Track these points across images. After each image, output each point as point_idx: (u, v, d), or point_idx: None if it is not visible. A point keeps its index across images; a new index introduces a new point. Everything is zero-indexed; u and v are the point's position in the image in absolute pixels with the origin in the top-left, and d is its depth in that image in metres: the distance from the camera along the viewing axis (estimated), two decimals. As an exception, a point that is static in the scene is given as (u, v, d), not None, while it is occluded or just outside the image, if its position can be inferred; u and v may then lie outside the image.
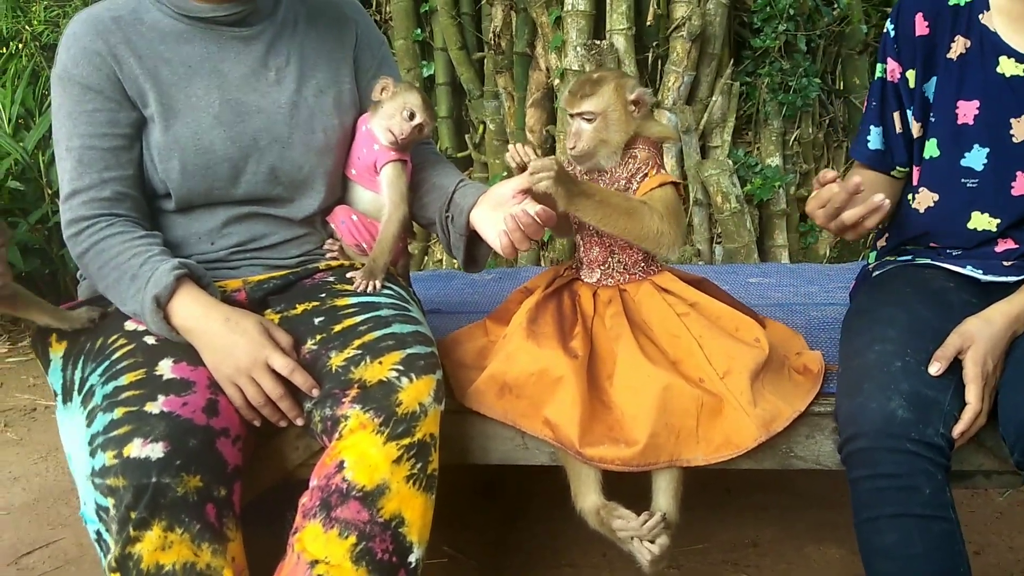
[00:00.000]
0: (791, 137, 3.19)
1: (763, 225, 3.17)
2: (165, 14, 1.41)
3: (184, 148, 1.39)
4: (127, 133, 1.38)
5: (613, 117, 1.42)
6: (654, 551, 1.35)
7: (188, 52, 1.41)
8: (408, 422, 1.25)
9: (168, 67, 1.40)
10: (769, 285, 2.20)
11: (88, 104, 1.37)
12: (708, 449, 1.34)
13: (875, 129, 1.53)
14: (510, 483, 2.06)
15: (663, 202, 1.42)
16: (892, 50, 1.48)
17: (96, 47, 1.37)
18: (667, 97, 3.05)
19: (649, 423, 1.32)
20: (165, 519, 1.16)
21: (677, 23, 3.01)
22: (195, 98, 1.40)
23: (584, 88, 1.43)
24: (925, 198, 1.48)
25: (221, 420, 1.25)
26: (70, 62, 1.37)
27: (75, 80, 1.37)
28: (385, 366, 1.29)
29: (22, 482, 2.26)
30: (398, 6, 3.41)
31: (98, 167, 1.36)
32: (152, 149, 1.40)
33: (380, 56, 1.58)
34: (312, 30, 1.50)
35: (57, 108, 1.39)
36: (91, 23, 1.39)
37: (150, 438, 1.17)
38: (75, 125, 1.37)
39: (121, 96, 1.38)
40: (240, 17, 1.43)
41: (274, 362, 1.27)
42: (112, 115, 1.37)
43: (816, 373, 1.45)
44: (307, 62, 1.48)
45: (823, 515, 1.94)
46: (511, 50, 3.30)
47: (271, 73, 1.45)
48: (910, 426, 1.20)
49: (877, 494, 1.22)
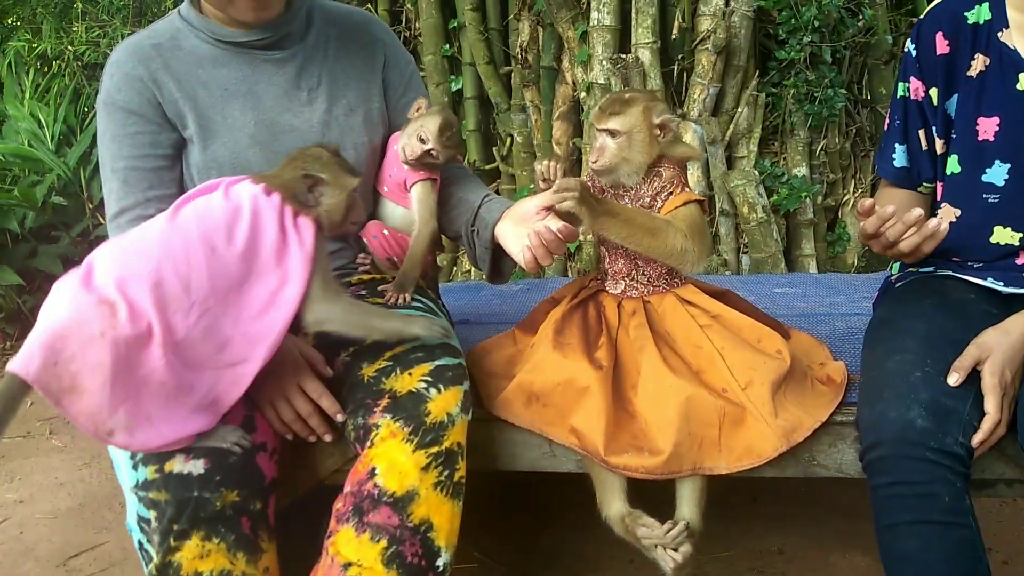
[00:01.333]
0: (818, 147, 3.18)
1: (790, 235, 3.17)
2: (202, 40, 1.47)
3: (222, 166, 1.44)
4: (169, 154, 1.45)
5: (637, 138, 1.44)
6: (677, 559, 1.38)
7: (224, 76, 1.47)
8: (436, 431, 1.29)
9: (205, 90, 1.46)
10: (795, 295, 2.21)
11: (131, 127, 1.44)
12: (730, 458, 1.36)
13: (900, 147, 1.55)
14: (539, 490, 2.08)
15: (687, 220, 1.44)
16: (915, 69, 1.50)
17: (138, 73, 1.44)
18: (693, 109, 3.07)
19: (673, 433, 1.34)
20: (203, 529, 1.21)
21: (702, 36, 3.03)
22: (231, 119, 1.46)
23: (614, 106, 1.46)
24: (947, 213, 1.49)
25: (259, 435, 1.30)
26: (114, 88, 1.44)
27: (119, 105, 1.44)
28: (415, 377, 1.33)
29: (68, 487, 2.33)
30: (427, 22, 3.48)
31: (142, 187, 1.44)
32: (192, 168, 1.46)
33: (408, 75, 1.63)
34: (342, 52, 1.55)
35: (102, 133, 1.46)
36: (133, 50, 1.46)
37: (191, 454, 1.22)
38: (120, 148, 1.44)
39: (162, 119, 1.44)
40: (272, 41, 1.49)
41: (306, 386, 1.33)
42: (154, 137, 1.44)
43: (839, 383, 1.47)
44: (337, 82, 1.53)
45: (849, 524, 1.94)
46: (538, 64, 3.35)
47: (303, 94, 1.50)
48: (929, 435, 1.22)
49: (897, 501, 1.24)
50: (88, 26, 4.09)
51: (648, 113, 1.45)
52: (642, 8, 3.03)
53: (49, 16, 4.09)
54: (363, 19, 1.63)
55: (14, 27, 4.21)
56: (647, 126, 1.44)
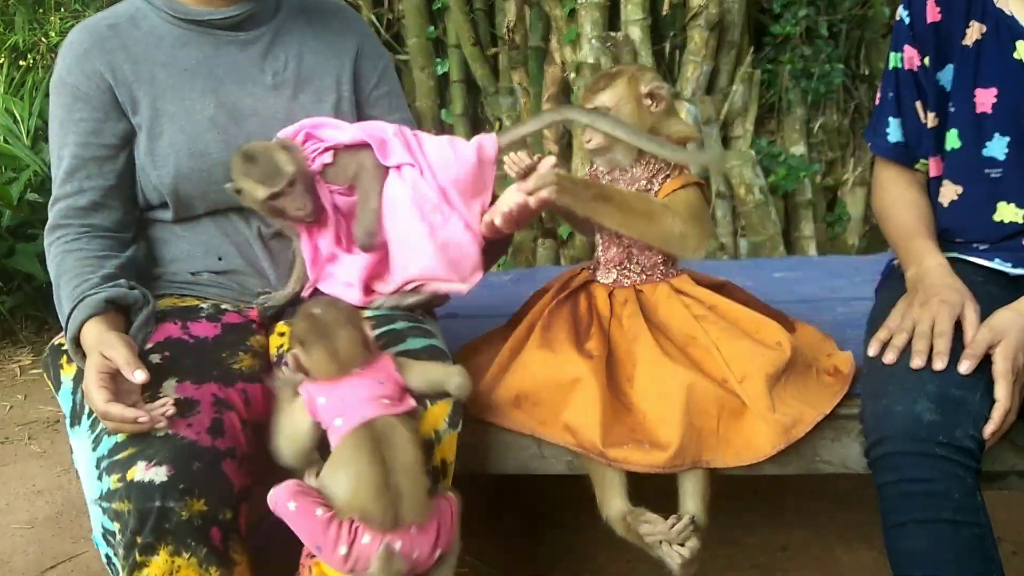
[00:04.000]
0: (815, 125, 3.13)
1: (789, 216, 3.12)
2: (163, 19, 1.43)
3: (179, 152, 1.39)
4: (111, 143, 1.40)
5: (626, 110, 1.39)
6: (684, 554, 1.32)
7: (184, 56, 1.42)
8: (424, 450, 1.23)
9: (164, 71, 1.41)
10: (795, 279, 2.17)
11: (76, 113, 1.39)
12: (728, 452, 1.31)
13: (894, 121, 1.48)
14: (532, 491, 2.04)
15: (686, 203, 1.38)
16: (908, 37, 1.43)
17: (91, 54, 1.39)
18: (686, 88, 3.00)
19: (677, 425, 1.29)
20: (171, 543, 1.15)
21: (694, 12, 2.96)
22: (190, 101, 1.41)
23: (599, 82, 1.42)
24: (948, 191, 1.43)
25: (226, 440, 1.23)
26: (64, 69, 1.40)
27: (67, 87, 1.40)
28: None
29: (46, 495, 2.28)
30: (410, 4, 3.39)
31: (79, 176, 1.40)
32: (147, 155, 1.40)
33: (381, 67, 1.57)
34: (313, 38, 1.50)
35: (52, 115, 1.43)
36: (88, 31, 1.42)
37: (153, 461, 1.16)
38: (65, 134, 1.40)
39: (109, 106, 1.40)
40: (237, 21, 1.44)
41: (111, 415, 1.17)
42: (97, 125, 1.39)
43: (846, 374, 1.41)
44: (305, 68, 1.47)
45: (853, 517, 1.90)
46: (525, 45, 3.27)
47: (268, 77, 1.45)
48: (938, 429, 1.16)
49: (905, 500, 1.18)
50: (62, 17, 4.01)
51: (635, 83, 1.40)
52: (631, -16, 2.95)
53: (22, 7, 4.00)
54: (336, 7, 1.60)
55: (-14, 20, 4.13)
56: (635, 97, 1.40)
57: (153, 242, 1.48)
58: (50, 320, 3.56)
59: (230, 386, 1.30)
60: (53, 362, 1.39)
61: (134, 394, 1.20)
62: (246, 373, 1.35)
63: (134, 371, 1.18)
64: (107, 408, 1.16)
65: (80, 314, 1.27)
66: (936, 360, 1.21)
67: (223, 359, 1.34)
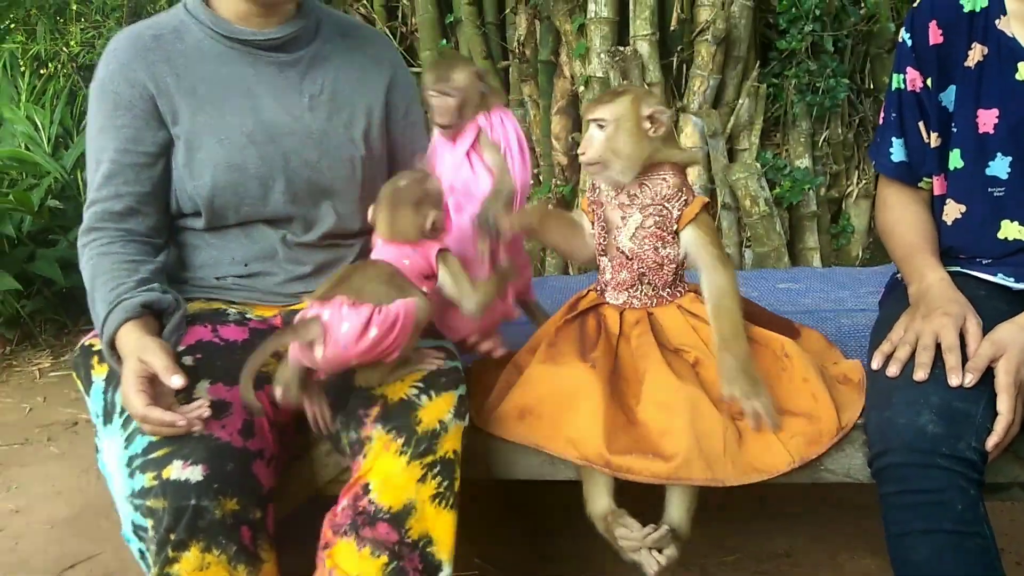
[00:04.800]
0: (820, 138, 3.15)
1: (793, 228, 3.14)
2: (206, 35, 1.45)
3: (216, 165, 1.42)
4: (150, 151, 1.43)
5: (625, 127, 1.39)
6: (661, 561, 1.35)
7: (226, 73, 1.45)
8: (429, 440, 1.26)
9: (205, 85, 1.43)
10: (799, 291, 2.18)
11: (118, 120, 1.42)
12: (737, 472, 1.32)
13: (896, 141, 1.51)
14: (541, 495, 2.06)
15: (709, 227, 1.43)
16: (911, 59, 1.46)
17: (134, 64, 1.42)
18: (693, 101, 3.03)
19: (683, 437, 1.30)
20: (202, 540, 1.18)
21: (701, 27, 3.00)
22: (229, 116, 1.44)
23: (604, 97, 1.43)
24: (952, 210, 1.46)
25: (256, 442, 1.27)
26: (107, 76, 1.43)
27: (109, 94, 1.42)
28: (407, 383, 1.30)
29: (65, 496, 2.31)
30: (423, 17, 3.44)
31: (117, 181, 1.42)
32: (185, 166, 1.44)
33: (410, 99, 1.62)
34: (348, 64, 1.53)
35: (91, 120, 1.45)
36: (132, 40, 1.44)
37: (189, 460, 1.19)
38: (105, 140, 1.43)
39: (150, 115, 1.42)
40: (279, 43, 1.47)
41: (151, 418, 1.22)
42: (138, 132, 1.42)
43: (858, 383, 1.42)
44: (341, 93, 1.51)
45: (857, 524, 1.92)
46: (535, 58, 3.31)
47: (304, 99, 1.48)
48: (941, 441, 1.18)
49: (908, 510, 1.20)
50: (83, 27, 4.06)
51: (637, 103, 1.40)
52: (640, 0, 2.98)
53: (44, 18, 4.06)
54: (374, 36, 1.64)
55: (8, 29, 4.18)
56: (636, 116, 1.39)
57: (182, 247, 1.51)
58: (69, 324, 3.62)
59: (259, 389, 1.32)
60: (84, 362, 1.42)
61: (169, 396, 1.24)
62: (272, 376, 1.39)
63: (172, 376, 1.21)
64: (147, 412, 1.20)
65: (116, 317, 1.30)
66: (951, 376, 1.23)
67: None
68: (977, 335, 1.27)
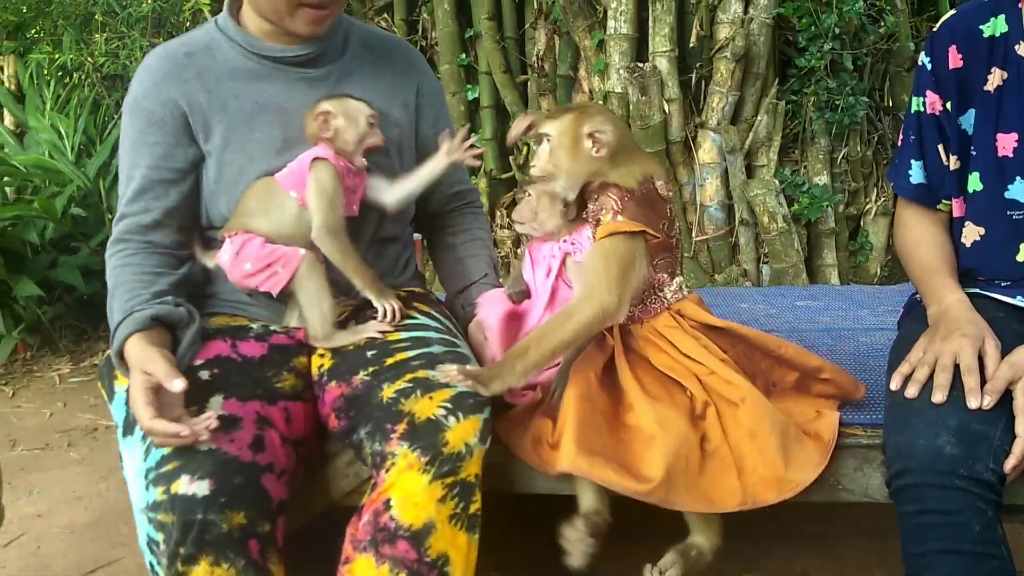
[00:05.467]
0: (839, 155, 3.15)
1: (812, 244, 3.14)
2: (237, 52, 1.48)
3: (247, 180, 1.45)
4: (180, 168, 1.46)
5: (565, 143, 1.38)
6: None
7: (256, 89, 1.47)
8: (453, 462, 1.27)
9: (237, 102, 1.46)
10: (817, 308, 2.19)
11: (149, 137, 1.44)
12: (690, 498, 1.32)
13: (916, 163, 1.51)
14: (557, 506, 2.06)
15: (600, 255, 1.36)
16: (931, 82, 1.47)
17: (167, 81, 1.44)
18: (711, 117, 3.04)
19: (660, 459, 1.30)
20: (211, 555, 1.20)
21: (720, 44, 3.01)
22: (259, 132, 1.46)
23: (553, 112, 1.44)
24: (971, 232, 1.46)
25: (267, 456, 1.28)
26: (141, 93, 1.45)
27: (142, 111, 1.45)
28: (435, 402, 1.31)
29: (85, 501, 2.34)
30: (443, 32, 3.47)
31: (147, 196, 1.45)
32: (217, 181, 1.46)
33: (438, 106, 1.64)
34: (377, 75, 1.55)
35: (124, 136, 1.48)
36: (166, 58, 1.47)
37: (196, 475, 1.21)
38: (137, 155, 1.45)
39: (182, 131, 1.45)
40: (308, 59, 1.49)
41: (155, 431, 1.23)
42: (169, 149, 1.44)
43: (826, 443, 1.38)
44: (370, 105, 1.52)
45: (872, 544, 1.91)
46: (554, 73, 3.34)
47: None
48: (959, 462, 1.18)
49: (926, 530, 1.20)
50: (108, 38, 4.11)
51: (580, 120, 1.39)
52: (659, 16, 3.01)
53: (70, 28, 4.11)
54: (400, 46, 1.65)
55: (36, 39, 4.24)
56: (574, 134, 1.38)
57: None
58: (89, 330, 3.65)
59: (272, 404, 1.35)
60: (108, 373, 1.44)
61: (177, 407, 1.25)
62: (288, 392, 1.40)
63: (173, 381, 1.22)
64: (151, 424, 1.21)
65: (125, 329, 1.32)
66: (970, 398, 1.23)
67: (267, 378, 1.40)
68: (996, 357, 1.27)
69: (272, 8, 1.40)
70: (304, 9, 1.39)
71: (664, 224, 1.42)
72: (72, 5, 4.14)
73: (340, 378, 1.41)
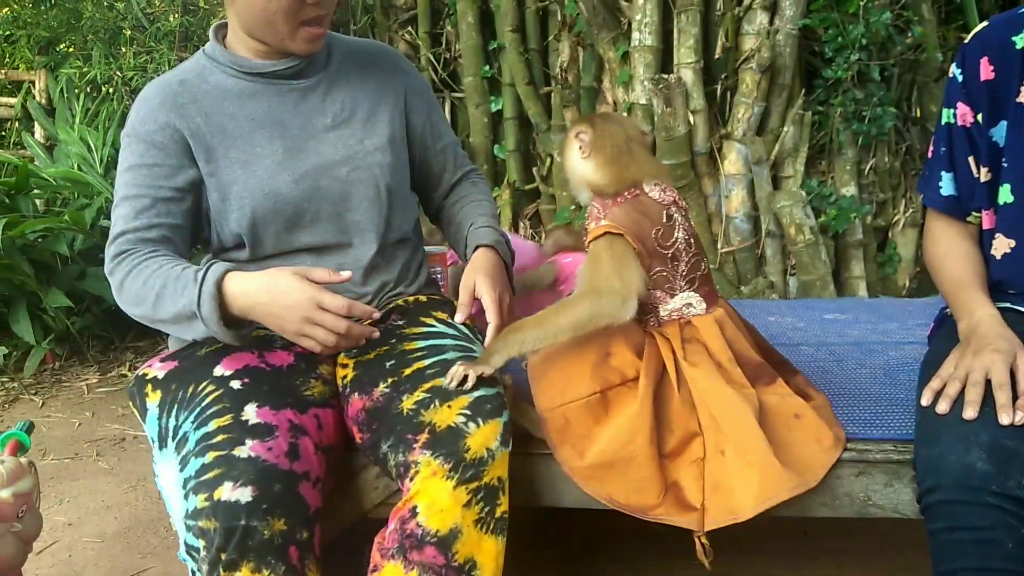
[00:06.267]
0: (866, 166, 3.13)
1: (839, 256, 3.12)
2: (228, 74, 1.52)
3: (253, 195, 1.47)
4: (180, 187, 1.46)
5: (566, 150, 1.49)
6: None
7: (251, 106, 1.50)
8: (476, 467, 1.28)
9: (233, 122, 1.49)
10: (846, 322, 2.16)
11: (149, 159, 1.45)
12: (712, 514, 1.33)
13: (946, 175, 1.50)
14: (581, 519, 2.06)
15: (596, 255, 1.38)
16: (961, 94, 1.46)
17: (164, 108, 1.47)
18: (737, 128, 3.03)
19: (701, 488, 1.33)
20: (253, 560, 1.21)
21: (746, 55, 3.01)
22: (260, 147, 1.49)
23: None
24: (1002, 244, 1.45)
25: (302, 464, 1.30)
26: (138, 122, 1.47)
27: (140, 137, 1.46)
28: (454, 410, 1.32)
29: (114, 511, 2.36)
30: (467, 44, 3.49)
31: (149, 214, 1.44)
32: (222, 201, 1.48)
33: (428, 99, 1.69)
34: (364, 79, 1.59)
35: (122, 163, 1.48)
36: (160, 88, 1.50)
37: (239, 482, 1.22)
38: (135, 176, 1.45)
39: (183, 154, 1.46)
40: (297, 70, 1.53)
41: (326, 303, 1.31)
42: (171, 170, 1.46)
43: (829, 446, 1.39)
44: (361, 108, 1.57)
45: (902, 560, 1.88)
46: (578, 84, 3.34)
47: (328, 119, 1.54)
48: (990, 479, 1.17)
49: (957, 547, 1.19)
50: (136, 52, 4.18)
51: (573, 124, 1.48)
52: (684, 28, 3.01)
53: (99, 43, 4.19)
54: (381, 49, 1.69)
55: (66, 54, 4.32)
56: (567, 144, 1.48)
57: None
58: (116, 341, 3.70)
59: (304, 412, 1.37)
60: (139, 391, 1.46)
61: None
62: (317, 399, 1.42)
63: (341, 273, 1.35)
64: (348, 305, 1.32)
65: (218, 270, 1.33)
66: (1001, 414, 1.22)
67: (296, 386, 1.41)
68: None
69: (272, 33, 1.44)
70: (303, 29, 1.44)
71: (658, 231, 1.41)
72: (101, 20, 4.21)
73: (362, 390, 1.42)
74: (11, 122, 4.47)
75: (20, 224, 3.16)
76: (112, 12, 4.24)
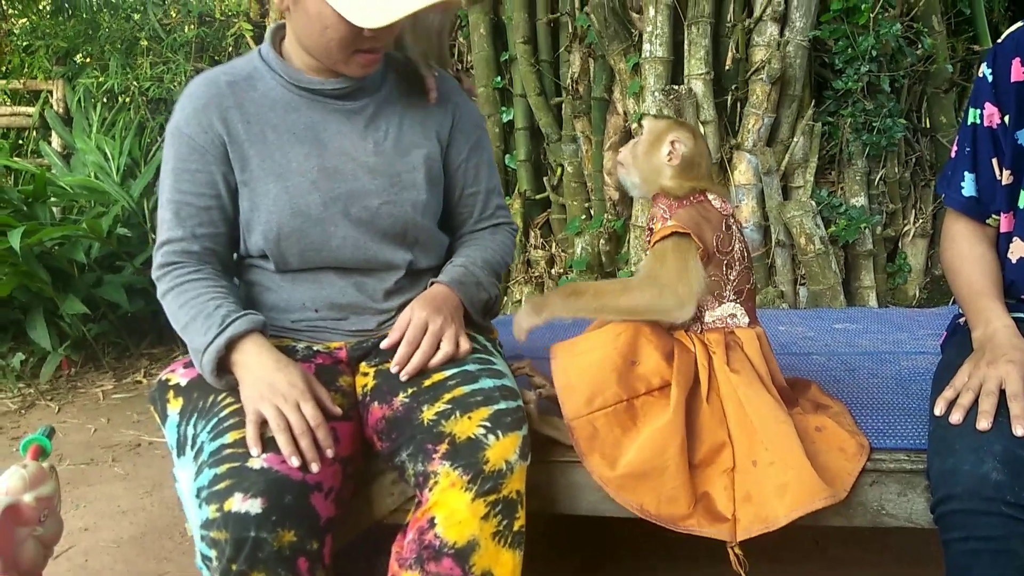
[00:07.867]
0: (876, 177, 3.14)
1: (849, 266, 3.12)
2: (278, 83, 1.50)
3: (281, 210, 1.46)
4: (221, 194, 1.48)
5: (649, 139, 1.50)
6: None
7: (294, 120, 1.49)
8: (495, 479, 1.29)
9: (274, 133, 1.48)
10: (856, 331, 2.17)
11: (192, 164, 1.46)
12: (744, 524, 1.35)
13: (969, 175, 1.49)
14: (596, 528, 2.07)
15: (659, 254, 1.42)
16: (990, 94, 1.45)
17: (209, 108, 1.47)
18: (747, 139, 3.05)
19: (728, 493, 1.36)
20: (263, 571, 1.22)
21: (756, 66, 3.02)
22: (295, 163, 1.48)
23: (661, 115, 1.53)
24: (1018, 248, 1.44)
25: (316, 475, 1.30)
26: (183, 120, 1.48)
27: (184, 137, 1.47)
28: (474, 421, 1.33)
29: (130, 516, 2.38)
30: (479, 55, 3.52)
31: (192, 223, 1.47)
32: (252, 211, 1.48)
33: (474, 140, 1.62)
34: (412, 109, 1.56)
35: (166, 161, 1.50)
36: (208, 85, 1.50)
37: (249, 493, 1.23)
38: (178, 181, 1.47)
39: (221, 159, 1.47)
40: (346, 92, 1.51)
41: (305, 409, 1.32)
42: (211, 177, 1.47)
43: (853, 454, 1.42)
44: (403, 139, 1.54)
45: (915, 570, 1.88)
46: (589, 95, 3.36)
47: (368, 145, 1.51)
48: (1004, 488, 1.17)
49: (971, 557, 1.19)
50: (152, 62, 4.23)
51: (671, 126, 1.48)
52: (695, 40, 3.03)
53: (116, 53, 4.24)
54: (439, 80, 1.63)
55: (84, 64, 4.38)
56: (661, 135, 1.48)
57: (253, 286, 1.55)
58: (132, 348, 3.73)
59: None
60: (160, 396, 1.47)
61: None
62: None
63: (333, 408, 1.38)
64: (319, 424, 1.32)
65: (242, 325, 1.37)
66: (1015, 425, 1.22)
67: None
68: None
69: (326, 55, 1.43)
70: (359, 55, 1.42)
71: (718, 237, 1.45)
72: (118, 31, 4.27)
73: (382, 399, 1.43)
74: (29, 131, 4.52)
75: (38, 232, 3.19)
76: (129, 23, 4.30)
